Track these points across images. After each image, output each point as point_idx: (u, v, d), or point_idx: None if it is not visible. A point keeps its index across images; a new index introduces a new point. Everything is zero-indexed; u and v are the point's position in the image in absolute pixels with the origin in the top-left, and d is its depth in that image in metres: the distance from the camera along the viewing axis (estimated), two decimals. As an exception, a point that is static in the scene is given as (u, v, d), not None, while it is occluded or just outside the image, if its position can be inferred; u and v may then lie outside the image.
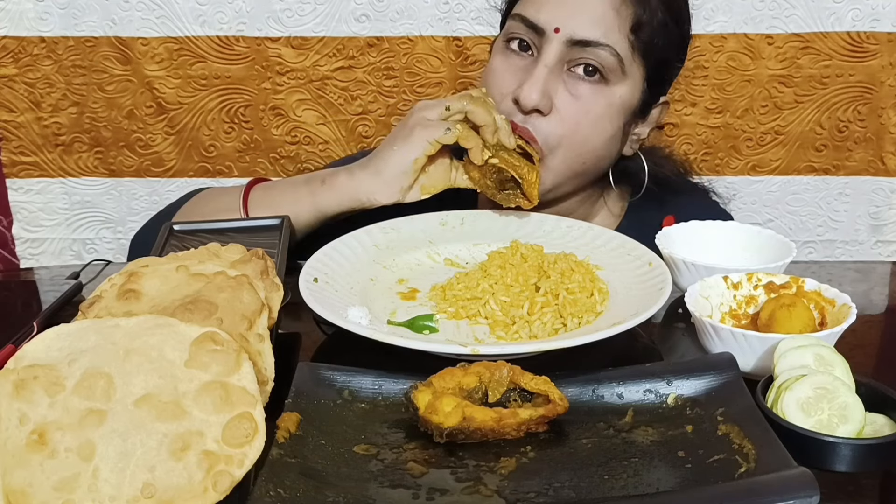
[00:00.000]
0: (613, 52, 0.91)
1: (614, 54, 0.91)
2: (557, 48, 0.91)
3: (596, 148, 0.96)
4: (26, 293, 1.07)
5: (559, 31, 0.90)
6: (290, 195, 0.94)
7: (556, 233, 0.94)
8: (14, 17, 1.40)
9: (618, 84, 0.93)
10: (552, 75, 0.91)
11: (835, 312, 0.74)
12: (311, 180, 0.95)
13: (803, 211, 1.52)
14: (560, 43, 0.91)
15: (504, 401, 0.63)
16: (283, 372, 0.62)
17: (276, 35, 1.41)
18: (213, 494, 0.50)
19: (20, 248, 1.53)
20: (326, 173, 0.95)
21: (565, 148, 0.94)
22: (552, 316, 0.77)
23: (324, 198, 0.92)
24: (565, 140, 0.93)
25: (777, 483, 0.51)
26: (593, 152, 0.96)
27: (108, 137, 1.47)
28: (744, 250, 0.93)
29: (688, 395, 0.65)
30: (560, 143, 0.93)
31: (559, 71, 0.92)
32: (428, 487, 0.55)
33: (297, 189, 0.94)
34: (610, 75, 0.92)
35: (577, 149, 0.94)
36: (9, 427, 0.51)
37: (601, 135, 0.95)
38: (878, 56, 1.41)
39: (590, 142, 0.94)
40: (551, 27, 0.91)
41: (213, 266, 0.64)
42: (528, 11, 0.93)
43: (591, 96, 0.92)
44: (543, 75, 0.90)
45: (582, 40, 0.90)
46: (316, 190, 0.93)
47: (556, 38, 0.91)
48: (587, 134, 0.94)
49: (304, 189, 0.94)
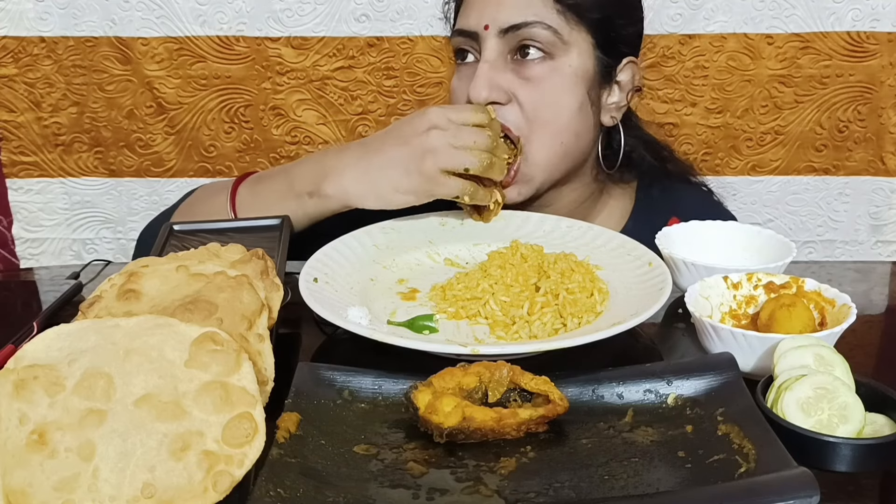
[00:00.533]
0: (545, 27, 0.93)
1: (546, 27, 0.93)
2: (493, 43, 0.94)
3: (567, 123, 0.96)
4: (26, 293, 1.07)
5: (488, 27, 0.93)
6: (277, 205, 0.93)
7: (556, 233, 0.94)
8: (14, 17, 1.40)
9: (563, 55, 0.94)
10: (497, 69, 0.94)
11: (835, 312, 0.74)
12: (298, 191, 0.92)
13: (803, 211, 1.52)
14: (493, 37, 0.94)
15: (504, 401, 0.63)
16: (283, 372, 0.62)
17: (276, 35, 1.41)
18: (213, 494, 0.50)
19: (20, 248, 1.53)
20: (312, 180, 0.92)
21: (537, 132, 0.95)
22: (552, 316, 0.77)
23: (313, 209, 0.92)
24: (534, 124, 0.95)
25: (777, 483, 0.51)
26: (567, 128, 0.96)
27: (108, 137, 1.47)
28: (744, 250, 0.93)
29: (688, 395, 0.65)
30: (531, 129, 0.95)
31: (504, 63, 0.95)
32: (428, 487, 0.55)
33: (286, 200, 0.93)
34: (551, 49, 0.94)
35: (549, 129, 0.95)
36: (9, 427, 0.51)
37: (566, 109, 0.96)
38: (878, 56, 1.41)
39: (559, 119, 0.95)
40: (481, 26, 0.94)
41: (213, 266, 0.64)
42: (461, 22, 0.98)
43: (540, 75, 0.94)
44: (486, 70, 0.93)
45: (512, 25, 0.93)
46: (304, 203, 0.92)
47: (488, 34, 0.94)
48: (552, 113, 0.95)
49: (294, 202, 0.93)
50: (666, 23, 1.41)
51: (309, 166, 0.94)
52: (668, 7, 1.40)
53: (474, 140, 0.87)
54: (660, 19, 1.41)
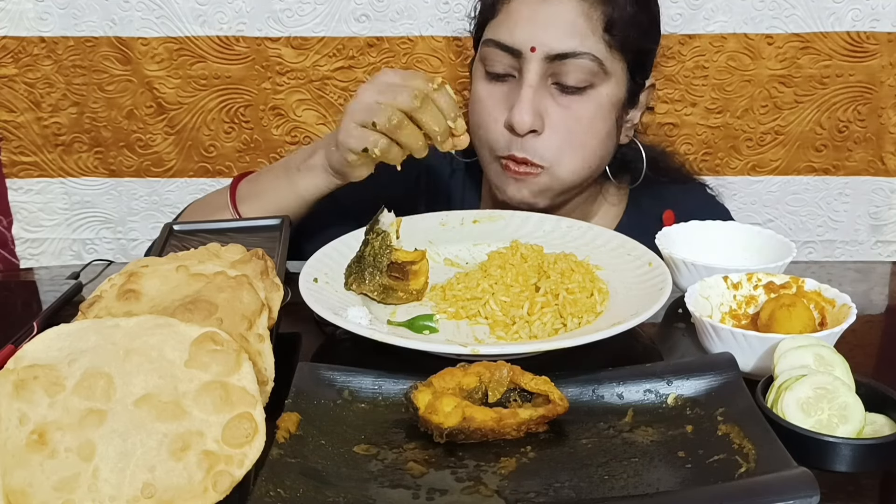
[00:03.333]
0: (592, 58, 0.91)
1: (593, 59, 0.91)
2: (537, 66, 0.91)
3: (595, 149, 0.97)
4: (26, 293, 1.07)
5: (535, 49, 0.91)
6: (272, 187, 0.95)
7: (556, 233, 0.94)
8: (14, 17, 1.40)
9: (602, 85, 0.94)
10: (538, 94, 0.92)
11: (835, 312, 0.74)
12: (288, 167, 0.95)
13: (803, 211, 1.52)
14: (539, 61, 0.91)
15: (504, 401, 0.63)
16: (283, 372, 0.62)
17: (276, 35, 1.41)
18: (213, 494, 0.50)
19: (20, 248, 1.52)
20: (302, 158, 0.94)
21: (568, 155, 0.95)
22: (552, 316, 0.77)
23: (303, 184, 0.93)
24: (565, 150, 0.94)
25: (777, 483, 0.51)
26: (594, 154, 0.97)
27: (108, 137, 1.47)
28: (744, 250, 0.93)
29: (688, 395, 0.65)
30: (561, 155, 0.94)
31: (544, 86, 0.93)
32: (428, 487, 0.55)
33: (278, 179, 0.95)
34: (593, 79, 0.93)
35: (578, 155, 0.96)
36: (9, 427, 0.51)
37: (597, 136, 0.96)
38: (878, 56, 1.41)
39: (588, 146, 0.96)
40: (527, 47, 0.91)
41: (213, 266, 0.64)
42: (502, 35, 0.93)
43: (579, 104, 0.93)
44: (530, 96, 0.91)
45: (560, 54, 0.91)
46: (293, 178, 0.93)
47: (534, 56, 0.91)
48: (584, 140, 0.95)
49: (284, 179, 0.94)
50: (666, 23, 1.40)
51: (304, 148, 0.97)
52: (668, 7, 1.40)
53: (394, 97, 0.83)
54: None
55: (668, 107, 1.45)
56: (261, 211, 0.95)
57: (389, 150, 0.85)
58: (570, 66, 0.91)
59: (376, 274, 0.80)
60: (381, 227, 0.83)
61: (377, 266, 0.80)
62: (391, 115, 0.82)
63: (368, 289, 0.80)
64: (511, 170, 0.95)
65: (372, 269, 0.80)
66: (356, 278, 0.81)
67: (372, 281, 0.80)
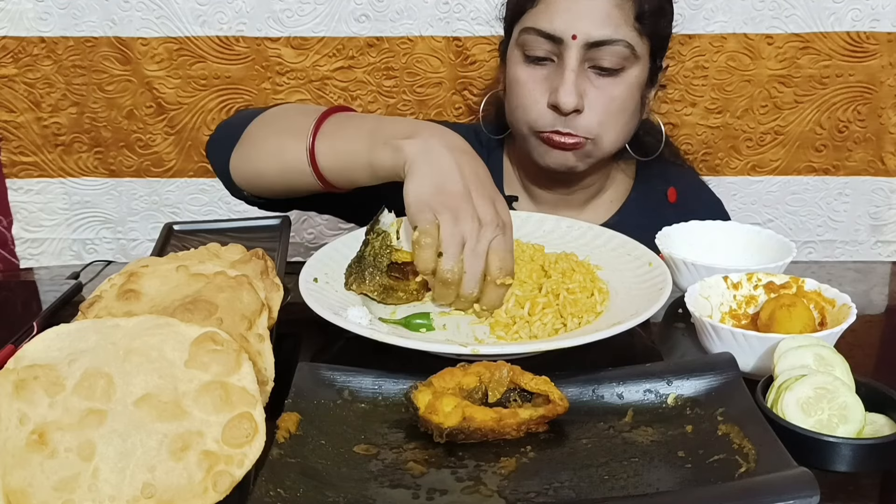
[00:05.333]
0: (626, 45, 1.00)
1: (627, 46, 1.00)
2: (577, 52, 0.99)
3: (627, 123, 1.06)
4: (26, 293, 1.07)
5: (576, 37, 0.98)
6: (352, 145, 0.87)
7: (556, 233, 0.94)
8: (14, 17, 1.40)
9: (632, 67, 1.02)
10: (579, 77, 1.00)
11: (835, 312, 0.74)
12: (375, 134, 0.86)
13: (803, 211, 1.52)
14: (578, 47, 0.99)
15: (504, 401, 0.63)
16: (283, 372, 0.62)
17: (276, 35, 1.41)
18: (213, 494, 0.50)
19: (20, 248, 1.52)
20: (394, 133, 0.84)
21: (606, 133, 1.03)
22: (552, 316, 0.77)
23: (379, 158, 0.84)
24: (603, 127, 1.03)
25: (777, 483, 0.51)
26: (626, 128, 1.07)
27: (108, 137, 1.47)
28: (744, 250, 0.93)
29: (688, 395, 0.65)
30: (600, 132, 1.03)
31: (582, 70, 1.01)
32: (428, 487, 0.55)
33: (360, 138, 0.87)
34: (625, 63, 1.01)
35: (615, 129, 1.04)
36: (9, 427, 0.51)
37: (628, 112, 1.05)
38: (878, 56, 1.41)
39: (622, 121, 1.05)
40: (568, 35, 0.99)
41: (213, 266, 0.64)
42: (542, 24, 1.00)
43: (614, 86, 1.02)
44: (573, 79, 0.99)
45: (597, 41, 0.99)
46: (376, 146, 0.84)
47: (575, 44, 0.99)
48: (618, 116, 1.04)
49: (367, 142, 0.85)
50: (666, 23, 1.41)
51: (403, 122, 0.91)
52: (668, 7, 1.40)
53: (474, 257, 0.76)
54: (660, 19, 1.41)
55: (668, 107, 1.45)
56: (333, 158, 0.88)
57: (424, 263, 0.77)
58: (605, 51, 0.99)
59: (376, 274, 0.80)
60: (381, 227, 0.83)
61: (377, 266, 0.80)
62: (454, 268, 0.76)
63: (368, 289, 0.81)
64: (555, 141, 1.03)
65: (372, 269, 0.81)
66: (356, 278, 0.81)
67: (372, 281, 0.80)
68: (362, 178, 0.87)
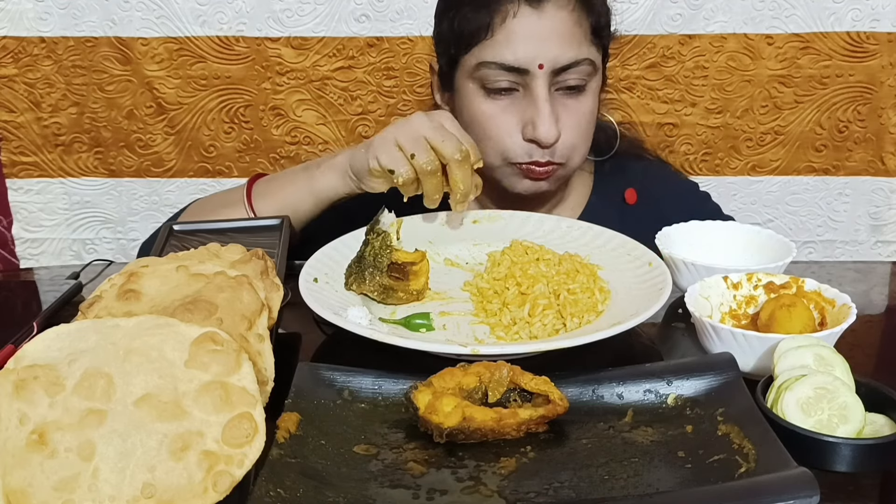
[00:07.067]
0: (589, 62, 0.98)
1: (590, 63, 0.98)
2: (545, 80, 0.96)
3: (591, 136, 1.05)
4: (26, 293, 1.07)
5: (543, 66, 0.95)
6: (290, 183, 0.97)
7: (556, 233, 0.94)
8: (14, 17, 1.40)
9: (593, 81, 1.01)
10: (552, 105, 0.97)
11: (835, 312, 0.74)
12: (308, 167, 0.97)
13: (803, 211, 1.52)
14: (545, 75, 0.96)
15: (504, 401, 0.63)
16: (283, 372, 0.62)
17: (276, 35, 1.41)
18: (213, 494, 0.49)
19: (20, 248, 1.53)
20: (325, 159, 0.97)
21: (577, 152, 1.01)
22: (553, 316, 0.77)
23: (321, 182, 0.94)
24: (577, 144, 1.01)
25: (777, 483, 0.51)
26: (590, 140, 1.05)
27: (108, 137, 1.47)
28: (744, 250, 0.93)
29: (688, 395, 0.65)
30: (574, 149, 1.01)
31: (551, 94, 0.98)
32: (428, 487, 0.55)
33: (297, 176, 0.97)
34: (588, 79, 0.99)
35: (584, 147, 1.03)
36: (9, 427, 0.51)
37: (593, 125, 1.04)
38: (878, 56, 1.41)
39: (589, 136, 1.04)
40: (535, 65, 0.95)
41: (213, 266, 0.64)
42: (504, 56, 0.96)
43: (580, 103, 1.00)
44: (548, 111, 0.96)
45: (564, 66, 0.96)
46: (313, 175, 0.95)
47: (542, 72, 0.95)
48: (587, 133, 1.03)
49: (303, 175, 0.96)
50: (666, 23, 1.41)
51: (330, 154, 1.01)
52: (668, 7, 1.40)
53: (442, 142, 0.85)
54: (660, 19, 1.41)
55: (668, 107, 1.45)
56: (276, 208, 0.96)
57: (410, 185, 0.87)
58: (571, 73, 0.97)
59: (376, 274, 0.80)
60: (381, 227, 0.83)
61: (377, 266, 0.80)
62: (431, 159, 0.85)
63: (368, 289, 0.81)
64: (536, 172, 1.00)
65: (372, 269, 0.81)
66: (356, 278, 0.81)
67: (372, 281, 0.80)
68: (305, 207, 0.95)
